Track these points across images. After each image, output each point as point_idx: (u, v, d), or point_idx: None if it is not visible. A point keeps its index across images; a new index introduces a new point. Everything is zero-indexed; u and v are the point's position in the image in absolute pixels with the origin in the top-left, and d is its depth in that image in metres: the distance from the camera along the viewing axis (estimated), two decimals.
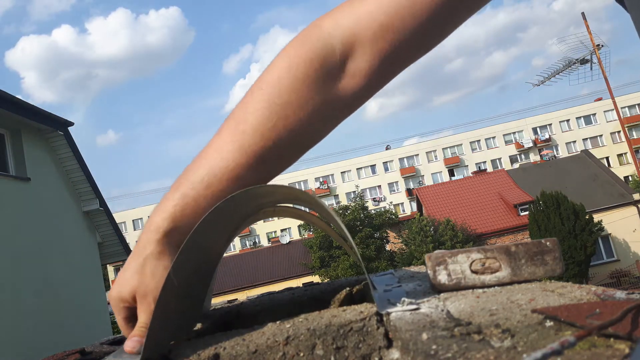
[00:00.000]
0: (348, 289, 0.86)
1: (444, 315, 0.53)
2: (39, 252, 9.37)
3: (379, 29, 0.63)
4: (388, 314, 0.56)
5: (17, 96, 9.38)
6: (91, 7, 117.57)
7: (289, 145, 0.64)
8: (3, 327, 7.99)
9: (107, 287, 14.84)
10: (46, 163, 10.46)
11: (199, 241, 0.62)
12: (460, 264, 0.66)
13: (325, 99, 0.64)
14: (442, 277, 0.66)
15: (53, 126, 10.39)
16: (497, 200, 29.58)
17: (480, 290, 0.64)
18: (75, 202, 11.17)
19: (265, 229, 54.56)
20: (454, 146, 58.97)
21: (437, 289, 0.66)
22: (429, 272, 0.66)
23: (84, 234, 11.31)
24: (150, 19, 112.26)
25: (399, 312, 0.56)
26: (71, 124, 10.88)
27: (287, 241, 38.41)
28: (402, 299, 0.59)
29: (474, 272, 0.66)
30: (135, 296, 0.61)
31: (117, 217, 11.37)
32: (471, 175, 43.77)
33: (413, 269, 1.05)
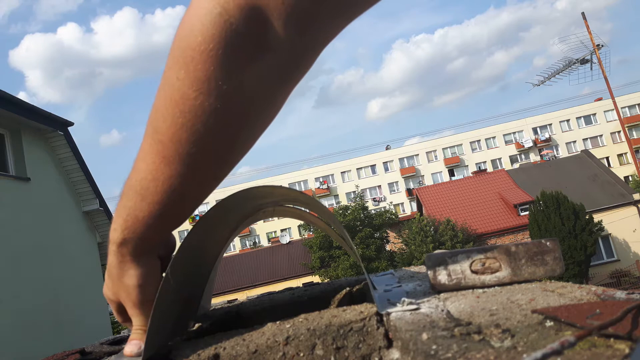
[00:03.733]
0: (348, 289, 0.86)
1: (444, 316, 0.53)
2: (38, 252, 9.37)
3: None
4: (388, 314, 0.56)
5: (21, 95, 9.40)
6: (98, 6, 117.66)
7: (219, 145, 0.55)
8: (3, 327, 7.99)
9: None
10: (46, 163, 10.46)
11: (196, 241, 0.62)
12: (460, 264, 0.66)
13: (245, 87, 0.52)
14: (442, 277, 0.66)
15: (53, 126, 10.39)
16: (497, 200, 29.57)
17: (480, 291, 0.64)
18: (75, 202, 11.17)
19: (265, 229, 54.56)
20: (454, 146, 58.98)
21: (437, 289, 0.66)
22: (429, 272, 0.66)
23: (84, 234, 11.31)
24: (157, 18, 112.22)
25: (399, 312, 0.56)
26: (71, 124, 10.88)
27: (287, 241, 38.40)
28: (402, 299, 0.59)
29: (474, 272, 0.66)
30: (118, 299, 0.64)
31: None
32: (471, 175, 43.79)
33: (413, 269, 1.05)
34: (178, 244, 0.63)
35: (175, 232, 0.66)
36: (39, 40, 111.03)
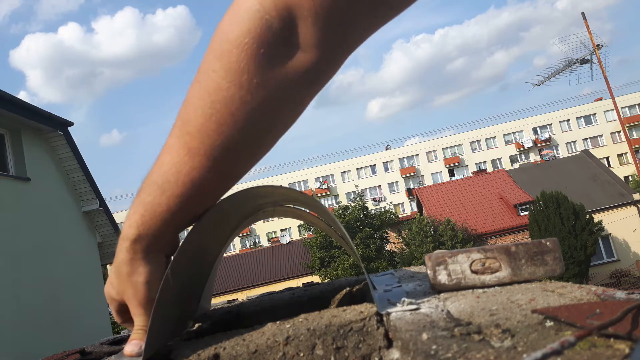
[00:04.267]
0: (348, 289, 0.86)
1: (444, 316, 0.53)
2: (39, 252, 9.37)
3: None
4: (388, 314, 0.56)
5: (21, 95, 9.42)
6: (99, 6, 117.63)
7: (243, 140, 0.57)
8: (2, 327, 7.99)
9: None
10: (46, 163, 10.46)
11: (196, 241, 0.62)
12: (461, 264, 0.66)
13: (274, 84, 0.55)
14: (442, 277, 0.66)
15: (53, 126, 10.39)
16: (497, 200, 29.58)
17: (480, 291, 0.64)
18: (75, 202, 11.17)
19: (265, 229, 54.57)
20: (454, 146, 59.00)
21: (437, 289, 0.66)
22: (429, 272, 0.66)
23: (84, 234, 11.31)
24: (158, 18, 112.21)
25: (399, 312, 0.56)
26: (71, 124, 10.88)
27: (287, 241, 38.40)
28: (402, 299, 0.59)
29: (474, 272, 0.66)
30: (122, 298, 0.63)
31: (117, 217, 11.37)
32: (471, 175, 43.79)
33: (413, 269, 1.05)
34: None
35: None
36: (39, 40, 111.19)
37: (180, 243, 0.61)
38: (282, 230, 50.84)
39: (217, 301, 1.09)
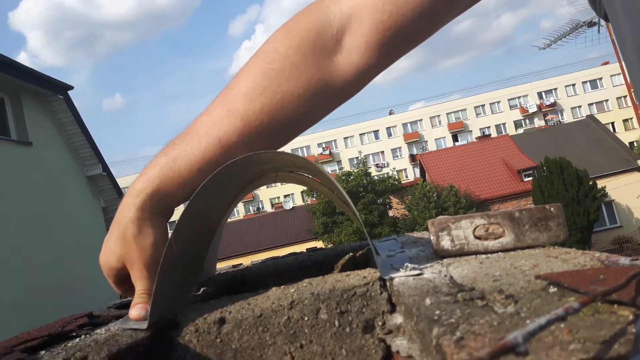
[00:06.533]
0: (351, 254, 0.86)
1: (447, 281, 0.53)
2: (43, 217, 9.46)
3: (377, 0, 0.62)
4: (391, 279, 0.56)
5: (22, 57, 9.39)
6: None
7: (279, 116, 0.63)
8: (8, 293, 8.15)
9: None
10: (47, 127, 10.43)
11: (199, 206, 0.62)
12: (464, 230, 0.66)
13: (320, 74, 0.63)
14: (445, 243, 0.66)
15: (52, 90, 10.31)
16: (500, 166, 29.54)
17: (483, 256, 0.64)
18: (78, 167, 11.20)
19: (268, 195, 54.81)
20: (458, 111, 58.50)
21: (440, 255, 0.67)
22: (432, 237, 0.66)
23: (88, 199, 11.39)
24: None
25: (402, 277, 0.56)
26: (71, 87, 10.79)
27: (291, 207, 38.65)
28: (405, 264, 0.60)
29: (477, 237, 0.66)
30: (123, 263, 0.61)
31: (121, 182, 11.42)
32: (475, 140, 43.58)
33: (416, 234, 1.05)
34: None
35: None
36: (39, 1, 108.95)
37: (183, 209, 0.61)
38: (285, 196, 51.10)
39: (221, 266, 1.11)
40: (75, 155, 11.12)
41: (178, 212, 0.63)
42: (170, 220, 0.66)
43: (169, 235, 0.57)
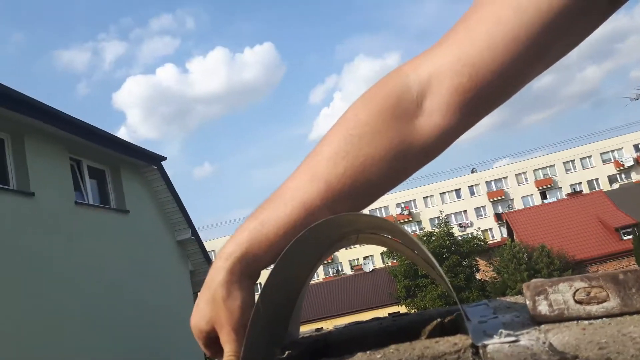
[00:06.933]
0: (439, 319, 0.83)
1: (546, 348, 0.49)
2: (136, 279, 9.98)
3: (457, 63, 0.62)
4: (484, 346, 0.53)
5: (122, 132, 10.43)
6: (193, 48, 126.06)
7: (361, 179, 0.64)
8: (102, 351, 8.52)
9: None
10: (143, 196, 11.22)
11: (284, 269, 0.63)
12: (563, 294, 0.61)
13: (401, 137, 0.64)
14: (543, 308, 0.61)
15: (148, 161, 11.17)
16: (595, 224, 27.56)
17: (586, 322, 0.59)
18: (169, 232, 11.83)
19: (347, 257, 54.46)
20: (545, 167, 56.02)
21: (537, 321, 0.62)
22: (527, 302, 0.62)
23: (177, 263, 11.91)
24: (246, 56, 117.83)
25: (496, 344, 0.53)
26: (164, 158, 11.63)
27: (371, 269, 38.02)
28: (500, 330, 0.56)
29: (578, 302, 0.61)
30: (213, 326, 0.62)
31: (208, 246, 11.88)
32: (566, 197, 41.17)
33: (509, 299, 0.99)
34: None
35: None
36: (139, 82, 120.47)
37: (269, 272, 0.61)
38: (364, 258, 50.52)
39: (302, 329, 1.10)
40: (166, 220, 11.79)
41: (264, 275, 0.65)
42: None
43: (256, 298, 0.58)
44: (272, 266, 0.62)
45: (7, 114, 7.70)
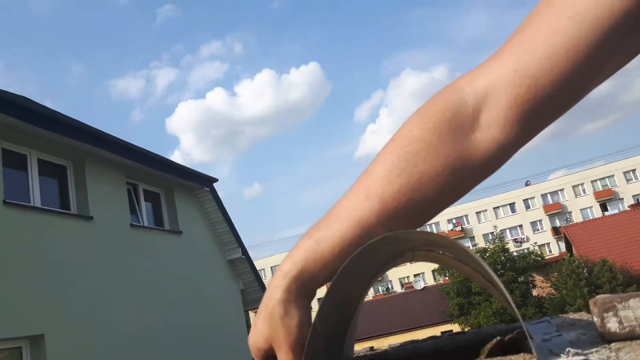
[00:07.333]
0: (499, 337, 0.80)
1: None
2: (189, 298, 10.19)
3: (514, 75, 0.61)
4: None
5: (176, 155, 10.78)
6: (241, 71, 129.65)
7: (417, 196, 0.63)
8: None
9: (249, 332, 15.54)
10: (195, 217, 11.51)
11: (340, 287, 0.62)
12: (634, 310, 0.58)
13: (458, 152, 0.63)
14: (612, 325, 0.58)
15: (200, 183, 11.47)
16: None
17: None
18: (220, 252, 12.05)
19: (397, 274, 53.69)
20: (604, 178, 53.56)
21: (606, 339, 0.59)
22: (595, 319, 0.59)
23: (229, 281, 12.09)
24: (292, 77, 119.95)
25: None
26: (215, 180, 11.92)
27: (422, 287, 37.27)
28: (567, 349, 0.54)
29: None
30: (270, 345, 0.62)
31: (257, 264, 12.02)
32: (628, 209, 39.10)
33: (572, 316, 0.95)
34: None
35: None
36: (190, 107, 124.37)
37: (326, 290, 0.61)
38: (415, 276, 49.60)
39: (356, 348, 1.08)
40: (217, 240, 12.03)
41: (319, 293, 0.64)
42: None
43: (312, 316, 0.58)
44: (328, 285, 0.62)
45: (69, 142, 8.13)
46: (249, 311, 14.86)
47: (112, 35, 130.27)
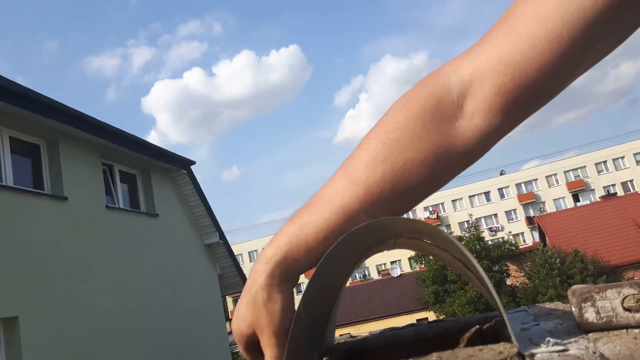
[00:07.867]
0: (477, 326, 0.81)
1: (598, 358, 0.47)
2: (166, 282, 10.12)
3: (498, 63, 0.61)
4: (532, 355, 0.51)
5: (152, 136, 10.61)
6: (219, 52, 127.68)
7: (400, 183, 0.63)
8: (131, 353, 8.66)
9: (226, 318, 15.58)
10: (172, 199, 11.39)
11: (324, 273, 0.62)
12: (611, 301, 0.59)
13: (442, 140, 0.63)
14: (590, 315, 0.59)
15: (178, 165, 11.33)
16: (631, 228, 26.73)
17: (636, 331, 0.57)
18: (197, 236, 11.97)
19: (374, 261, 54.15)
20: (577, 169, 54.68)
21: (583, 329, 0.60)
22: (573, 309, 0.60)
23: (206, 266, 12.04)
24: (272, 59, 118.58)
25: (544, 353, 0.51)
26: (193, 162, 11.79)
27: (398, 274, 37.70)
28: (547, 339, 0.54)
29: (627, 309, 0.59)
30: (254, 330, 0.62)
31: (235, 249, 11.98)
32: (599, 200, 40.08)
33: (548, 305, 0.96)
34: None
35: None
36: (167, 86, 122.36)
37: (310, 276, 0.61)
38: (392, 263, 50.13)
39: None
40: (195, 224, 11.94)
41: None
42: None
43: (295, 302, 0.58)
44: (311, 270, 0.61)
45: (42, 120, 7.93)
46: (227, 296, 14.85)
47: (88, 12, 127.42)
